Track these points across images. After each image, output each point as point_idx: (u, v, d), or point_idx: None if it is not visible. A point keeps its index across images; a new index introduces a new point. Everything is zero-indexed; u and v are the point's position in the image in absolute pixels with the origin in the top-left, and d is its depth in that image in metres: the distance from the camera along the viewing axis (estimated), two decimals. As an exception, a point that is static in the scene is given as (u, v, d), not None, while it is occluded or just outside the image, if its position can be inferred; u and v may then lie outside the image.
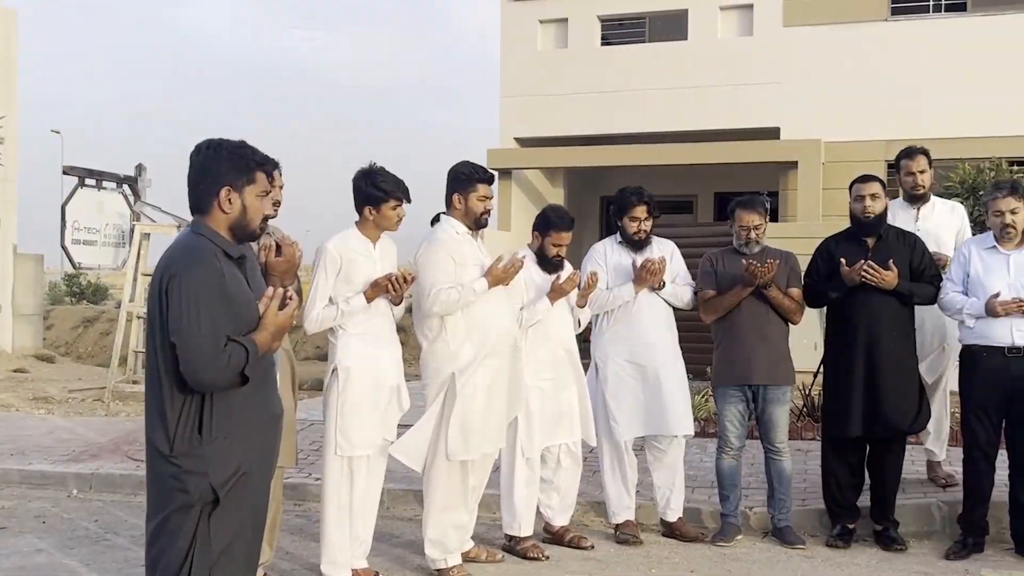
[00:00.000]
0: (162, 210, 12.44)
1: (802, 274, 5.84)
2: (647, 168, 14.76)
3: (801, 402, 8.20)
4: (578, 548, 5.60)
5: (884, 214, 5.67)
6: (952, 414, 6.48)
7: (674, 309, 5.88)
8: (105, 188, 12.66)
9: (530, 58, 16.19)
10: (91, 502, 6.84)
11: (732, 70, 14.89)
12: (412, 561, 5.40)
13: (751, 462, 6.56)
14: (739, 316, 5.67)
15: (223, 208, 3.16)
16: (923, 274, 5.60)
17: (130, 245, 12.03)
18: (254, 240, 3.42)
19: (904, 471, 5.83)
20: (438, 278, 4.99)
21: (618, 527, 5.81)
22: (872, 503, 5.71)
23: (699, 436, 6.99)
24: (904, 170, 6.27)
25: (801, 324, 5.84)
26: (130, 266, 11.75)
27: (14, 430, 8.85)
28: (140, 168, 12.95)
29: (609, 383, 5.73)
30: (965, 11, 14.25)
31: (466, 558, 5.27)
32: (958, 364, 5.58)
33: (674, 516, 5.84)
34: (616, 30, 16.37)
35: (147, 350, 3.15)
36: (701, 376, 8.38)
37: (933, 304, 5.63)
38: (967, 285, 5.45)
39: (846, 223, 5.82)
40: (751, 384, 5.67)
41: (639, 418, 5.72)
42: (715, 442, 5.93)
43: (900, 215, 6.13)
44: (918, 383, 5.63)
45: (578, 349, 5.71)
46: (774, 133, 14.68)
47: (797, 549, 5.60)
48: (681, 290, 5.85)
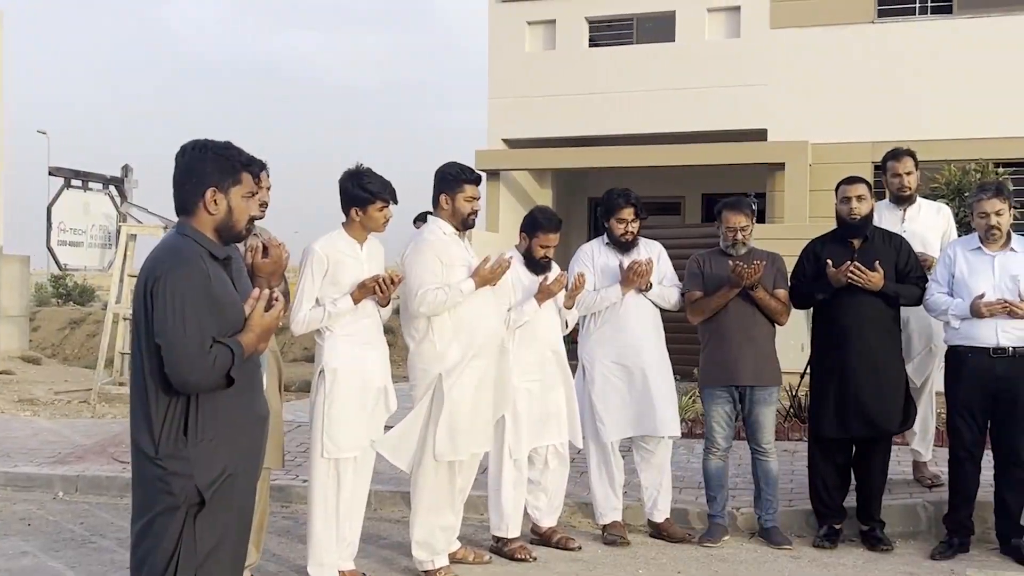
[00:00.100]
0: (148, 211, 12.39)
1: (788, 275, 5.86)
2: (635, 169, 14.77)
3: (788, 403, 8.22)
4: (565, 549, 5.60)
5: (870, 215, 5.69)
6: (938, 414, 6.51)
7: (661, 310, 5.89)
8: (91, 189, 12.59)
9: (518, 59, 16.18)
10: (77, 504, 6.81)
11: (720, 72, 14.91)
12: (399, 563, 5.40)
13: (738, 463, 6.57)
14: (726, 317, 5.68)
15: (209, 209, 3.15)
16: (909, 275, 5.63)
17: (116, 246, 11.97)
18: (240, 241, 3.41)
19: (890, 471, 5.85)
20: (425, 279, 4.98)
21: (605, 528, 5.81)
22: (858, 503, 5.73)
23: (686, 437, 7.00)
24: (891, 171, 6.29)
25: (788, 325, 5.86)
26: (116, 267, 11.69)
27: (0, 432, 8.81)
28: (126, 169, 12.89)
29: (596, 384, 5.74)
30: (951, 13, 14.30)
31: (453, 559, 5.27)
32: (944, 365, 5.61)
33: (661, 517, 5.85)
34: (604, 32, 16.37)
35: (132, 352, 3.14)
36: (688, 377, 8.39)
37: (919, 305, 5.66)
38: (952, 286, 5.47)
39: (833, 224, 5.84)
40: (738, 385, 5.68)
41: (626, 419, 5.72)
42: (702, 443, 5.94)
43: (886, 216, 6.15)
44: (904, 384, 5.65)
45: (565, 350, 5.71)
46: (761, 135, 14.70)
47: (784, 549, 5.62)
48: (668, 291, 5.86)
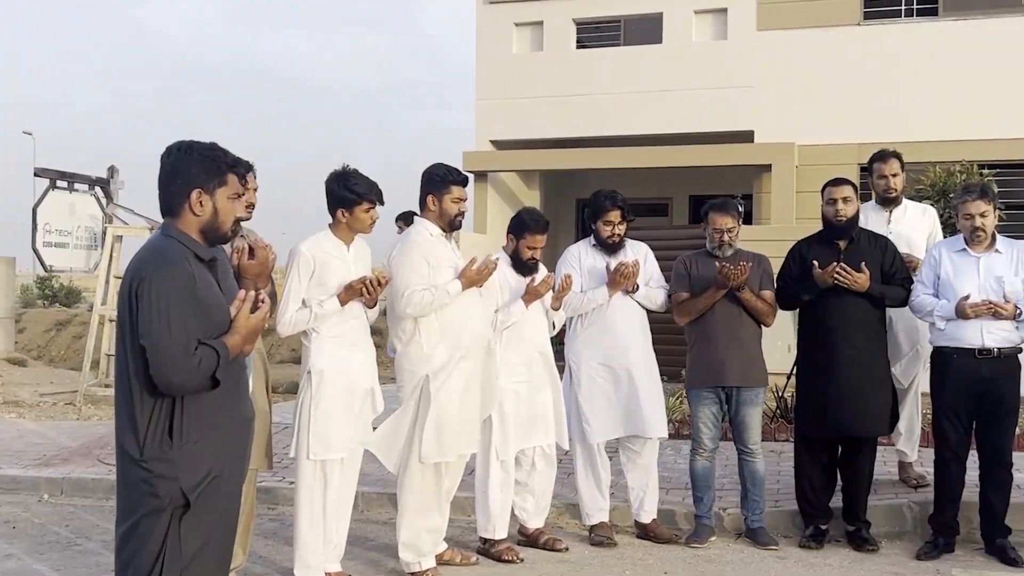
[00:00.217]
0: (134, 212, 12.36)
1: (775, 276, 5.87)
2: (622, 171, 14.78)
3: (774, 404, 8.24)
4: (553, 550, 5.60)
5: (856, 217, 5.71)
6: (923, 415, 6.53)
7: (648, 311, 5.90)
8: (77, 190, 12.54)
9: (506, 61, 16.17)
10: (62, 507, 6.79)
11: (707, 73, 14.93)
12: (386, 564, 5.39)
13: (725, 463, 6.59)
14: (712, 318, 5.69)
15: (194, 210, 3.14)
16: (894, 276, 5.65)
17: (102, 248, 11.93)
18: (225, 243, 3.40)
19: (876, 472, 5.88)
20: (412, 280, 4.98)
21: (592, 529, 5.82)
22: (844, 504, 5.75)
23: (673, 438, 7.02)
24: (877, 173, 6.32)
25: (775, 326, 5.87)
26: (102, 269, 11.66)
27: (-16, 434, 8.76)
28: (112, 170, 12.84)
29: (582, 386, 5.74)
30: (937, 15, 14.36)
31: (440, 561, 5.26)
32: (929, 366, 5.64)
33: (648, 518, 5.86)
34: (591, 33, 16.38)
35: (117, 353, 3.12)
36: (675, 378, 8.41)
37: (904, 306, 5.68)
38: (938, 287, 5.49)
39: (819, 226, 5.86)
40: (724, 386, 5.69)
41: (612, 420, 5.73)
42: (689, 444, 5.95)
43: (872, 218, 6.17)
44: (890, 385, 5.67)
45: (553, 352, 5.72)
46: (748, 136, 14.73)
47: (770, 550, 5.63)
48: (654, 293, 5.87)
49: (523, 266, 5.57)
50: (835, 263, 5.49)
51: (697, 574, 5.30)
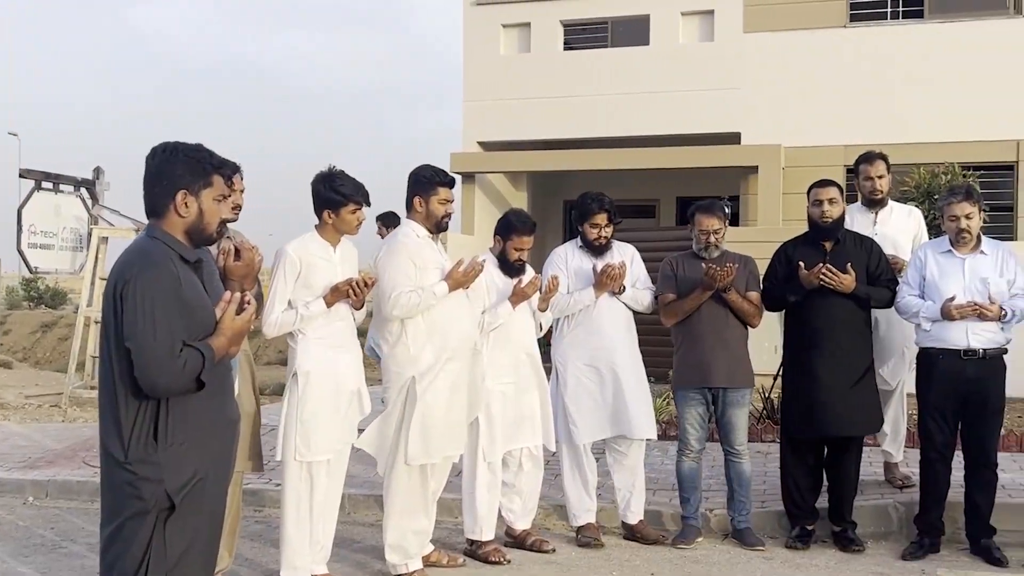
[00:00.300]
0: (120, 214, 12.29)
1: (761, 278, 5.89)
2: (610, 172, 14.79)
3: (761, 404, 8.26)
4: (540, 552, 5.60)
5: (841, 218, 5.73)
6: (909, 416, 6.56)
7: (634, 313, 5.90)
8: (62, 191, 12.46)
9: (493, 62, 16.18)
10: (47, 509, 6.75)
11: (693, 75, 14.97)
12: (372, 566, 5.38)
13: (711, 464, 6.60)
14: (699, 320, 5.70)
15: (179, 212, 3.13)
16: (880, 278, 5.67)
17: (88, 249, 11.87)
18: (211, 244, 3.39)
19: (862, 472, 5.90)
20: (398, 281, 4.97)
21: (579, 530, 5.82)
22: (830, 505, 5.76)
23: (660, 439, 7.02)
24: (863, 175, 6.34)
25: (761, 327, 5.89)
26: (88, 270, 11.61)
27: (-32, 437, 8.71)
28: (98, 171, 12.77)
29: (569, 386, 5.74)
30: (923, 18, 14.42)
31: (427, 562, 5.26)
32: (915, 367, 5.66)
33: (635, 519, 5.86)
34: (579, 35, 16.40)
35: (101, 355, 3.11)
36: (662, 379, 8.42)
37: (889, 307, 5.70)
38: (923, 289, 5.52)
39: (805, 227, 5.87)
40: (711, 387, 5.70)
41: (599, 421, 5.73)
42: (676, 445, 5.96)
43: (858, 219, 6.19)
44: (874, 386, 5.69)
45: (540, 353, 5.72)
46: (735, 138, 14.77)
47: (757, 551, 5.64)
48: (641, 294, 5.88)
49: (510, 267, 5.57)
50: (821, 264, 5.51)
51: (684, 575, 5.31)
